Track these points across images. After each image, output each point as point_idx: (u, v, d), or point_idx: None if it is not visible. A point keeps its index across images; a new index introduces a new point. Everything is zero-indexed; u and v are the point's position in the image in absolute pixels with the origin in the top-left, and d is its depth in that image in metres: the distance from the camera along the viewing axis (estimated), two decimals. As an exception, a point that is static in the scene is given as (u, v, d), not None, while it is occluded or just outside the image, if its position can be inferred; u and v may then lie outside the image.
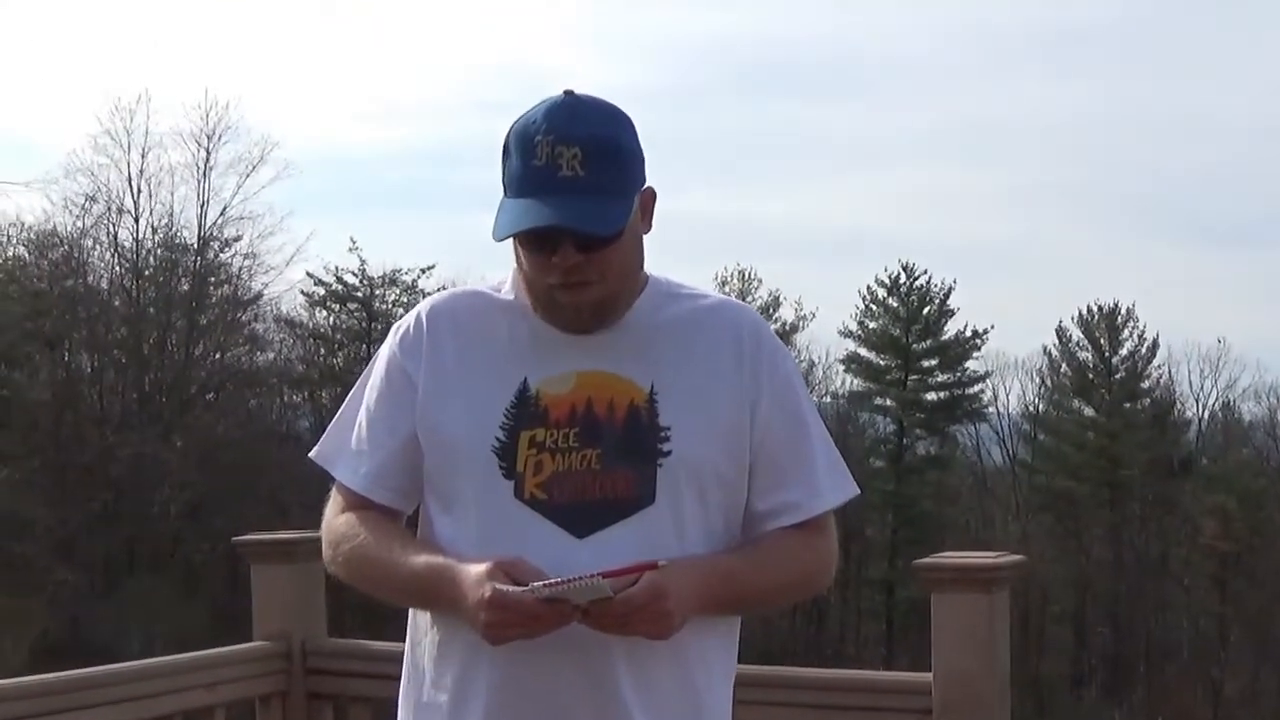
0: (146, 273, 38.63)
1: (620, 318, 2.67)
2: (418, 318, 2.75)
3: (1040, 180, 69.18)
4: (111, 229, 38.39)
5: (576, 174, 2.52)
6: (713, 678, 2.71)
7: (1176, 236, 73.12)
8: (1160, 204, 69.58)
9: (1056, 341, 49.07)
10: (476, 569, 2.50)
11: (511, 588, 2.45)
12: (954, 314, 48.44)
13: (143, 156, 38.68)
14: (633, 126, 2.63)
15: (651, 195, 2.67)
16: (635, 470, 2.60)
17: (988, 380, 49.07)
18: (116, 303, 38.48)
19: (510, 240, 2.62)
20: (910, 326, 48.39)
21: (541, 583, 2.44)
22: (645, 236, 2.69)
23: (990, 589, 3.96)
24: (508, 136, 2.60)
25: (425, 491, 2.73)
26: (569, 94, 2.59)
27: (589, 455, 2.61)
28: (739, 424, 2.67)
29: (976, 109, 66.66)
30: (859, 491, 2.83)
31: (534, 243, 2.57)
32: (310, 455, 2.84)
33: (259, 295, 40.42)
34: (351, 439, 2.77)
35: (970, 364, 48.71)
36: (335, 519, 2.78)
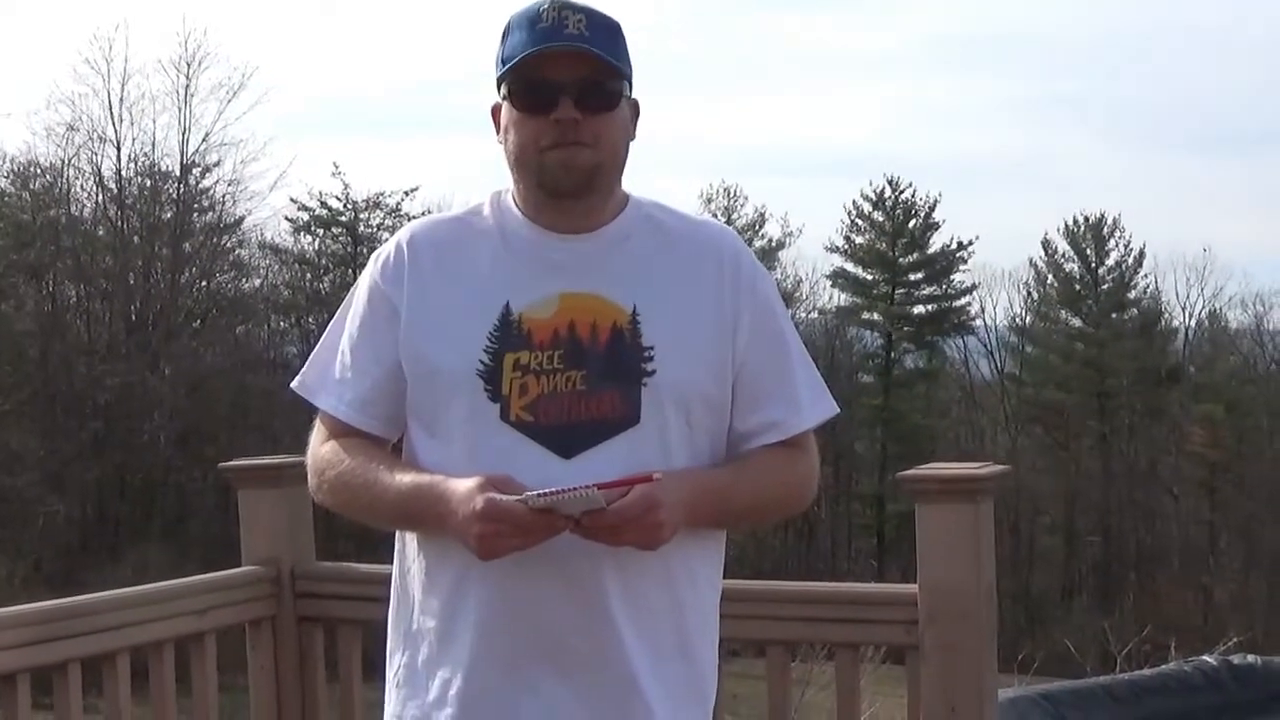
0: (129, 201, 38.42)
1: (603, 199, 2.69)
2: (398, 245, 2.75)
3: (1025, 92, 69.20)
4: (93, 158, 38.23)
5: (582, 33, 2.59)
6: (699, 593, 2.74)
7: (1161, 146, 73.12)
8: (1145, 114, 69.54)
9: (1043, 253, 49.17)
10: (466, 484, 2.51)
11: (505, 497, 2.46)
12: (939, 227, 48.55)
13: (123, 85, 38.51)
14: (624, 33, 2.69)
15: (636, 106, 2.72)
16: (620, 391, 2.62)
17: (974, 293, 49.21)
18: (100, 232, 38.32)
19: (499, 143, 2.67)
20: (896, 240, 48.40)
21: (535, 493, 2.45)
22: (629, 146, 2.72)
23: (975, 499, 3.97)
24: (507, 23, 2.65)
25: (409, 419, 2.73)
26: None
27: (573, 377, 2.62)
28: (720, 344, 2.69)
29: (961, 21, 66.50)
30: (838, 410, 2.87)
31: (532, 101, 2.60)
32: (293, 386, 2.85)
33: (241, 220, 40.30)
34: (335, 368, 2.77)
35: (957, 277, 48.88)
36: (320, 447, 2.79)
